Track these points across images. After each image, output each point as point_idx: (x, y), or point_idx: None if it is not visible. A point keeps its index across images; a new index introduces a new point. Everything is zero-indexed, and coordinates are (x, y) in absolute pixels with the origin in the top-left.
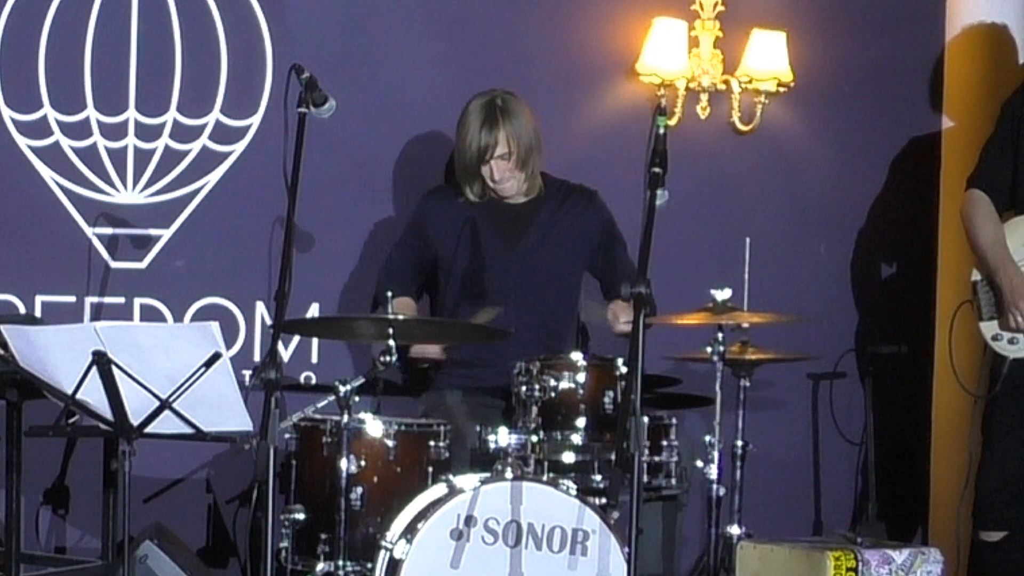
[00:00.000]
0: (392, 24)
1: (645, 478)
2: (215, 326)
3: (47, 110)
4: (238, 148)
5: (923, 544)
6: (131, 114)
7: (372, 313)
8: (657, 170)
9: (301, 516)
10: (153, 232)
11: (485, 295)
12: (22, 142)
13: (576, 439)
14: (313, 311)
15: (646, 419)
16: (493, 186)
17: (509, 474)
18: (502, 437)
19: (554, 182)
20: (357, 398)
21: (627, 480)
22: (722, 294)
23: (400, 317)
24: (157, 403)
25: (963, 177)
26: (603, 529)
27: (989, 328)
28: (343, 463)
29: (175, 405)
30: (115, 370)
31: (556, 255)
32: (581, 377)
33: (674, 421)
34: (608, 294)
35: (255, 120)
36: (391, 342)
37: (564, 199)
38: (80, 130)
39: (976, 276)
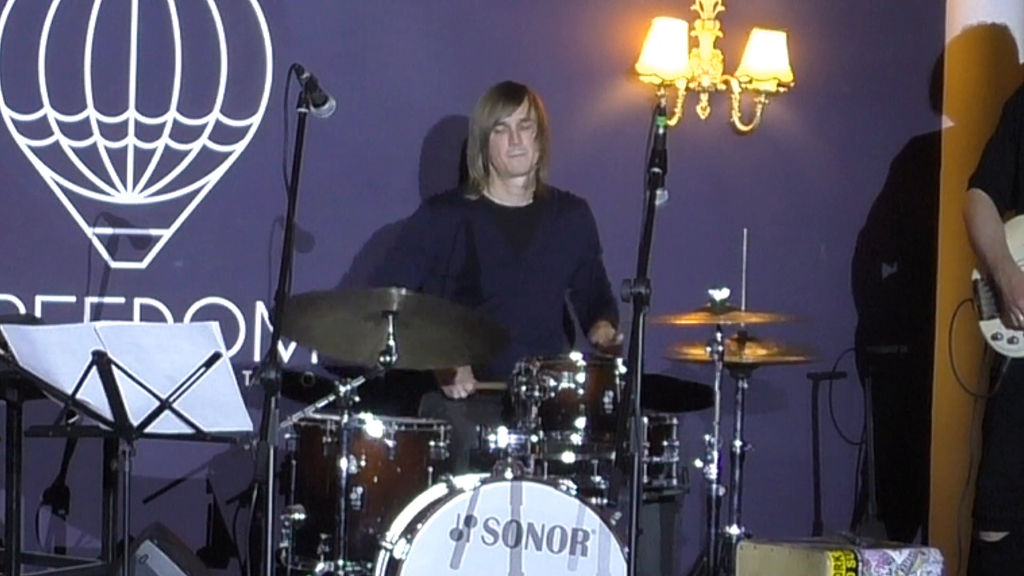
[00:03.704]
0: (392, 24)
1: (646, 478)
2: (215, 326)
3: (47, 110)
4: (238, 148)
5: (923, 544)
6: (131, 114)
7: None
8: (657, 170)
9: (301, 516)
10: (153, 232)
11: (486, 299)
12: (22, 142)
13: (576, 439)
14: None
15: (646, 419)
16: (506, 160)
17: (509, 474)
18: (502, 437)
19: (549, 188)
20: (357, 398)
21: (627, 480)
22: (720, 294)
23: (403, 292)
24: (157, 403)
25: (963, 177)
26: (603, 529)
27: (989, 327)
28: (343, 463)
29: (175, 405)
30: (115, 370)
31: (556, 260)
32: (581, 377)
33: (675, 421)
34: (591, 306)
35: (255, 120)
36: (391, 342)
37: (562, 205)
38: (80, 130)
39: (976, 275)
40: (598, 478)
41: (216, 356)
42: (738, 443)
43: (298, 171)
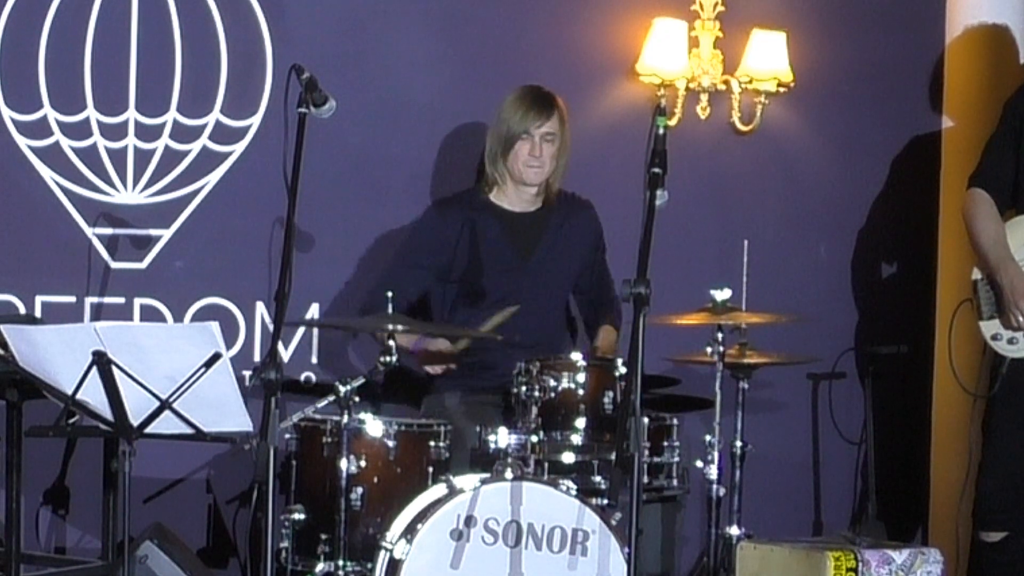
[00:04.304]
0: (392, 24)
1: (646, 478)
2: (215, 326)
3: (47, 110)
4: (238, 148)
5: (923, 544)
6: (131, 114)
7: (364, 317)
8: (657, 170)
9: (301, 516)
10: (153, 232)
11: (489, 303)
12: (22, 142)
13: (576, 439)
14: (313, 311)
15: (646, 419)
16: (524, 169)
17: (509, 474)
18: (502, 437)
19: (556, 191)
20: (357, 398)
21: (627, 480)
22: (721, 294)
23: (399, 327)
24: (157, 403)
25: (963, 177)
26: (603, 529)
27: (989, 327)
28: (343, 463)
29: (175, 405)
30: (115, 370)
31: (561, 266)
32: (581, 377)
33: (675, 422)
34: (593, 306)
35: (255, 120)
36: (391, 342)
37: (568, 209)
38: (80, 130)
39: (976, 275)
40: (598, 478)
41: (216, 356)
42: (738, 443)
43: (298, 171)
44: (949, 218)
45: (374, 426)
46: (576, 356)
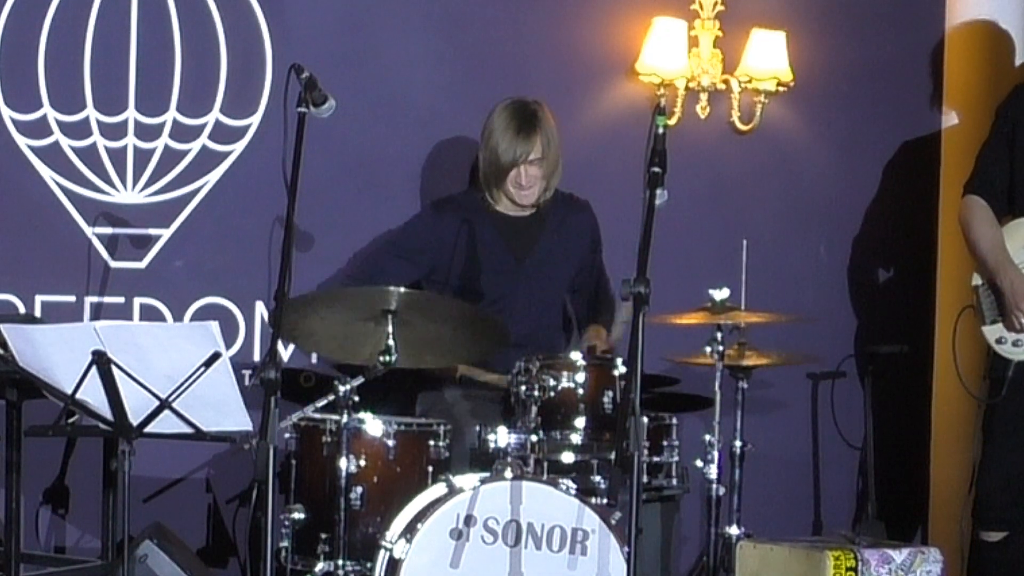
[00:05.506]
0: (392, 24)
1: (645, 478)
2: (215, 326)
3: (47, 110)
4: (238, 148)
5: (923, 544)
6: (131, 114)
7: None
8: (656, 170)
9: (301, 516)
10: (153, 232)
11: (486, 304)
12: (22, 142)
13: (575, 439)
14: None
15: (646, 419)
16: (515, 192)
17: (509, 474)
18: (501, 437)
19: (553, 194)
20: (357, 398)
21: (627, 480)
22: (720, 294)
23: (401, 289)
24: (157, 403)
25: (963, 178)
26: (602, 529)
27: (993, 332)
28: (343, 463)
29: (175, 405)
30: (115, 370)
31: (558, 268)
32: (580, 377)
33: (675, 421)
34: (588, 304)
35: (255, 120)
36: (390, 341)
37: (565, 211)
38: (80, 130)
39: (977, 280)
40: (598, 478)
41: (216, 356)
42: (738, 443)
43: (298, 171)
44: (948, 219)
45: (374, 425)
46: (576, 355)
